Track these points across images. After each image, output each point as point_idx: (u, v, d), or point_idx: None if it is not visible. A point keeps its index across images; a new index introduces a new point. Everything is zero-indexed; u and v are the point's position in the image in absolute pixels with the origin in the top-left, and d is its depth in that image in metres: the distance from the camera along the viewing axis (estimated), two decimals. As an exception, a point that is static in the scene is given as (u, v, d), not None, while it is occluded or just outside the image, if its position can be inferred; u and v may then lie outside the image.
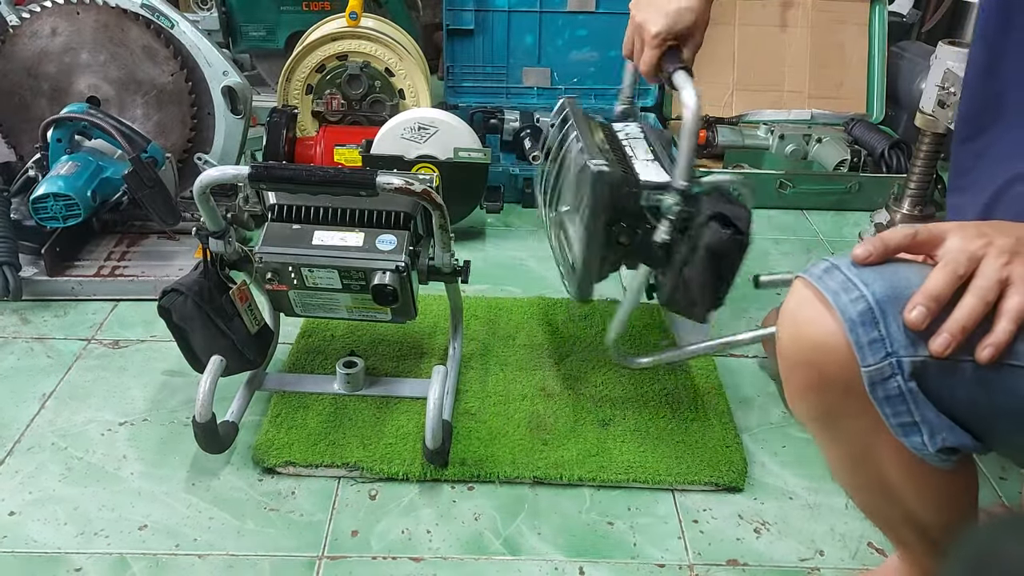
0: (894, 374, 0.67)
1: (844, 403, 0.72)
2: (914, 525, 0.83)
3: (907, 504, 0.80)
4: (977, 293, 0.65)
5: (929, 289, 0.66)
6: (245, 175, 1.08)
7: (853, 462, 0.80)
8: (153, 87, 1.78)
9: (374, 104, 2.07)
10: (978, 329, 0.65)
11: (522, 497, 1.15)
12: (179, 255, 1.68)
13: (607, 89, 2.23)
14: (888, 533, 0.90)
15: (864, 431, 0.74)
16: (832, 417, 0.76)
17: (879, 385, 0.68)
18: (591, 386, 1.35)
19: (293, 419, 1.25)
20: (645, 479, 1.17)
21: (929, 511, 0.81)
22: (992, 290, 0.65)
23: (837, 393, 0.72)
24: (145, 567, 1.03)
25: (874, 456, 0.77)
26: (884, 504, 0.83)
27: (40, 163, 1.61)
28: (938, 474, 0.75)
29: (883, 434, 0.71)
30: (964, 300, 0.65)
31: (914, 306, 0.66)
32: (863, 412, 0.71)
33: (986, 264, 0.66)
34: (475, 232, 1.89)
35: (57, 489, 1.14)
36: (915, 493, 0.79)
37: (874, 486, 0.80)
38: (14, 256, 1.54)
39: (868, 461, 0.78)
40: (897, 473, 0.77)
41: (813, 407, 0.76)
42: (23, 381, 1.36)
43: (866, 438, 0.75)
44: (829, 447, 0.82)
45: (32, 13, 1.71)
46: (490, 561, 1.05)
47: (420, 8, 2.69)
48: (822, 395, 0.74)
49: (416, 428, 1.24)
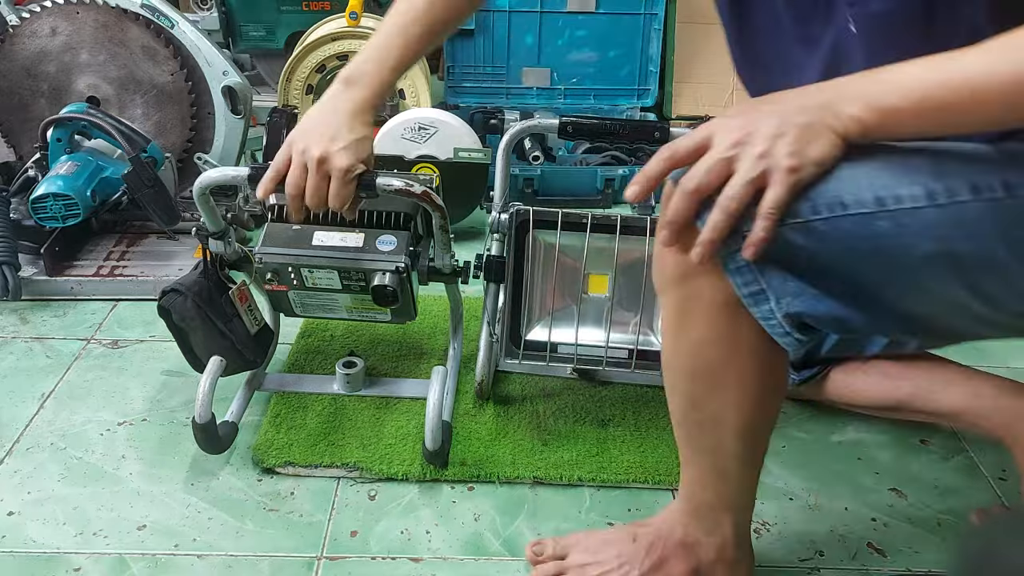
0: (738, 248, 0.72)
1: (704, 281, 0.78)
2: (717, 428, 0.87)
3: (726, 394, 0.84)
4: (722, 205, 0.70)
5: (647, 170, 0.74)
6: (244, 176, 1.08)
7: (698, 344, 0.83)
8: (153, 87, 1.78)
9: (374, 104, 2.06)
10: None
11: (522, 497, 1.15)
12: (179, 255, 1.68)
13: (607, 89, 2.24)
14: (688, 444, 0.92)
15: (720, 307, 0.79)
16: (693, 299, 0.80)
17: (728, 258, 0.74)
18: (591, 386, 1.35)
19: (293, 419, 1.25)
20: (645, 479, 1.17)
21: (738, 409, 0.85)
22: (738, 199, 0.70)
23: (700, 274, 0.78)
24: (144, 567, 1.03)
25: (720, 337, 0.81)
26: (707, 396, 0.86)
27: (40, 163, 1.61)
28: (767, 364, 0.83)
29: (733, 312, 0.78)
30: (712, 214, 0.71)
31: (631, 183, 0.75)
32: (718, 285, 0.77)
33: (737, 173, 0.70)
34: (475, 232, 1.89)
35: (56, 489, 1.14)
36: (740, 379, 0.83)
37: (705, 373, 0.84)
38: (14, 256, 1.54)
39: (713, 343, 0.82)
40: (732, 356, 0.82)
41: (680, 287, 0.81)
42: (22, 381, 1.36)
43: (718, 318, 0.80)
44: (682, 331, 0.84)
45: (32, 13, 1.71)
46: (490, 561, 1.05)
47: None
48: (690, 277, 0.79)
49: (416, 428, 1.24)
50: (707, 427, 0.88)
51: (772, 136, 0.69)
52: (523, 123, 1.23)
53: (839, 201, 0.70)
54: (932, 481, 1.20)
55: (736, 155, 0.70)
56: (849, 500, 1.16)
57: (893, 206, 0.70)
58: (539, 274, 1.23)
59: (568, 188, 2.00)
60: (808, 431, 1.29)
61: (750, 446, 0.89)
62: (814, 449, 1.26)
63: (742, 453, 0.89)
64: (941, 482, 1.20)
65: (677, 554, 0.96)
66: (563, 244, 1.20)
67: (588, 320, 1.23)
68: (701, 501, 0.94)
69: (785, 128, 0.69)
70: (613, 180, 1.99)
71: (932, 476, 1.21)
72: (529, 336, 1.24)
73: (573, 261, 1.21)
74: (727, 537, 0.95)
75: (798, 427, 1.30)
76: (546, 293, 1.24)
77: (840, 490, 1.18)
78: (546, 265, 1.22)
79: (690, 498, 0.95)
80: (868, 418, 1.30)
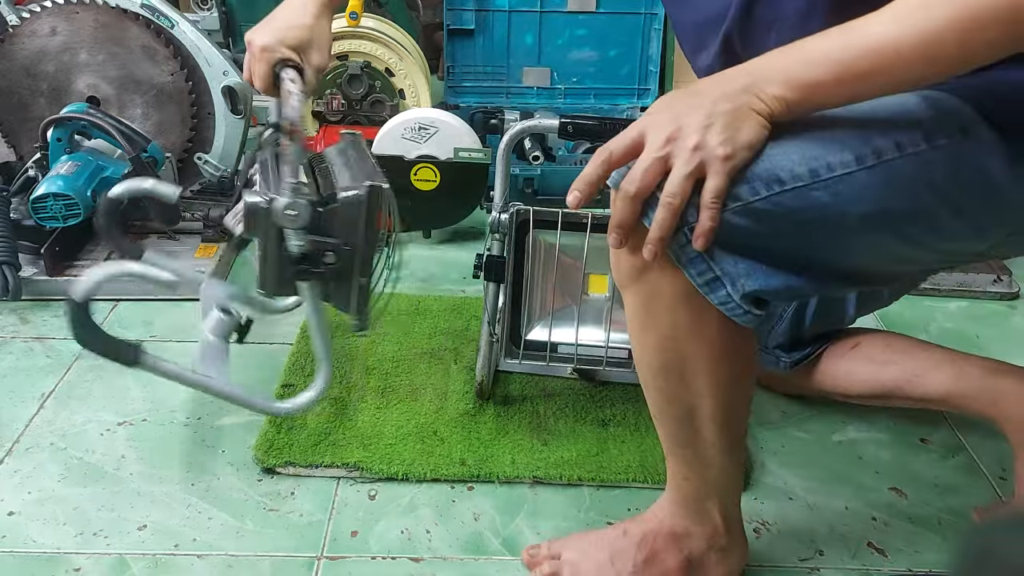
0: (688, 241, 0.75)
1: (661, 276, 0.80)
2: (693, 419, 0.88)
3: (697, 384, 0.86)
4: (665, 203, 0.73)
5: (585, 176, 0.77)
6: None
7: (663, 339, 0.84)
8: (153, 87, 1.78)
9: (374, 104, 2.07)
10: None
11: (522, 497, 1.15)
12: (179, 255, 1.68)
13: (607, 89, 2.23)
14: (668, 438, 0.93)
15: (679, 299, 0.81)
16: (652, 296, 0.82)
17: (680, 252, 0.76)
18: (591, 386, 1.35)
19: (293, 419, 1.25)
20: (645, 479, 1.17)
21: (711, 398, 0.87)
22: (679, 195, 0.72)
23: (655, 270, 0.79)
24: (144, 567, 1.03)
25: (683, 329, 0.83)
26: (678, 389, 0.87)
27: (40, 163, 1.61)
28: (732, 348, 0.84)
29: (693, 303, 0.79)
30: (657, 213, 0.73)
31: (571, 190, 0.78)
32: (675, 279, 0.79)
33: (675, 169, 0.72)
34: (475, 232, 1.89)
35: (56, 489, 1.14)
36: (708, 367, 0.85)
37: (673, 367, 0.85)
38: (14, 256, 1.54)
39: (678, 337, 0.83)
40: (697, 346, 0.83)
41: (638, 285, 0.82)
42: (22, 381, 1.36)
43: (678, 311, 0.82)
44: (646, 328, 0.85)
45: (31, 13, 1.71)
46: (490, 561, 1.05)
47: (420, 8, 2.69)
48: (646, 274, 0.81)
49: (416, 428, 1.24)
50: (683, 420, 0.89)
51: (702, 127, 0.71)
52: (523, 123, 1.23)
53: (776, 178, 0.73)
54: (932, 480, 1.20)
55: (670, 152, 0.72)
56: (849, 499, 1.17)
57: (826, 175, 0.73)
58: (539, 274, 1.23)
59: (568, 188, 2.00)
60: (808, 431, 1.29)
61: (727, 433, 0.90)
62: (814, 449, 1.26)
63: (720, 441, 0.90)
64: (941, 481, 1.20)
65: (668, 546, 0.97)
66: (563, 244, 1.20)
67: (588, 320, 1.23)
68: (687, 492, 0.95)
69: (712, 118, 0.72)
70: (613, 180, 1.99)
71: (932, 475, 1.21)
72: (529, 336, 1.24)
73: (573, 261, 1.21)
74: (716, 525, 0.96)
75: (798, 427, 1.30)
76: (546, 293, 1.24)
77: (840, 489, 1.18)
78: (546, 265, 1.22)
79: (677, 489, 0.96)
80: (868, 418, 1.31)
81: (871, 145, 0.74)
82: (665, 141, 0.72)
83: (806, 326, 1.25)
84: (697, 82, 0.77)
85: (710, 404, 0.87)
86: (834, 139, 0.74)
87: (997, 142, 0.75)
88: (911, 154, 0.74)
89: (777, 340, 1.26)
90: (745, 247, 0.76)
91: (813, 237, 0.76)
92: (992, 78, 0.76)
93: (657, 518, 0.99)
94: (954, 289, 1.67)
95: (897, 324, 1.57)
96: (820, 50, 0.71)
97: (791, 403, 1.34)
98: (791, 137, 0.74)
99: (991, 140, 0.75)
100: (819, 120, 0.75)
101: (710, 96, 0.73)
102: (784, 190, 0.73)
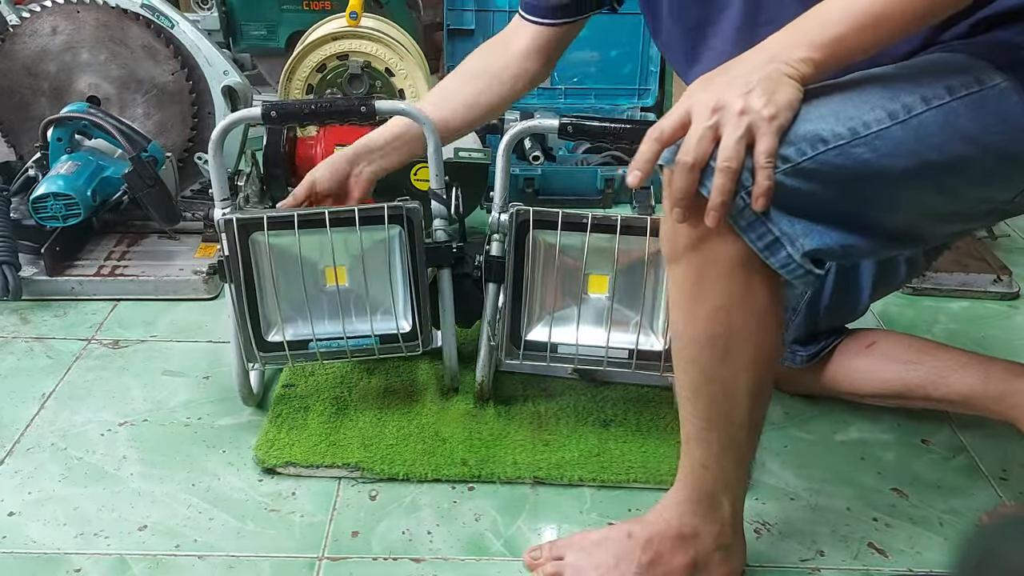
0: (746, 204, 0.78)
1: (718, 245, 0.81)
2: (730, 396, 0.90)
3: (740, 358, 0.87)
4: (722, 168, 0.75)
5: (641, 155, 0.79)
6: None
7: (714, 310, 0.86)
8: (153, 86, 1.78)
9: (375, 104, 2.06)
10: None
11: (523, 497, 1.15)
12: (179, 255, 1.68)
13: (607, 89, 2.23)
14: (697, 420, 0.93)
15: (735, 267, 0.83)
16: (708, 264, 0.83)
17: (739, 216, 0.78)
18: (591, 386, 1.35)
19: (294, 419, 1.25)
20: (646, 479, 1.17)
21: (750, 371, 0.89)
22: (735, 158, 0.75)
23: (713, 238, 0.81)
24: (145, 568, 1.03)
25: (736, 298, 0.85)
26: (721, 363, 0.88)
27: (40, 163, 1.61)
28: (775, 321, 0.88)
29: (746, 270, 0.82)
30: (715, 179, 0.76)
31: (629, 170, 0.80)
32: (731, 246, 0.81)
33: (725, 135, 0.75)
34: (475, 232, 1.89)
35: (57, 489, 1.14)
36: (753, 339, 0.87)
37: (719, 339, 0.87)
38: (14, 256, 1.53)
39: (729, 307, 0.85)
40: (746, 316, 0.86)
41: (694, 254, 0.83)
42: (23, 381, 1.36)
43: (733, 279, 0.83)
44: (697, 299, 0.86)
45: (32, 12, 1.71)
46: (491, 562, 1.05)
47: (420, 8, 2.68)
48: (703, 243, 0.82)
49: (417, 428, 1.24)
50: (718, 396, 0.90)
51: (743, 94, 0.76)
52: (523, 123, 1.23)
53: (819, 138, 0.78)
54: (934, 481, 1.20)
55: (718, 120, 0.76)
56: (851, 500, 1.16)
57: (864, 132, 0.78)
58: (539, 274, 1.23)
59: (568, 188, 2.00)
60: (810, 431, 1.29)
61: (758, 413, 0.93)
62: (816, 449, 1.26)
63: (749, 420, 0.92)
64: (943, 482, 1.20)
65: (675, 548, 0.97)
66: (563, 244, 1.20)
67: (588, 320, 1.23)
68: (703, 483, 0.95)
69: (751, 85, 0.76)
70: (613, 180, 1.99)
71: (934, 476, 1.21)
72: (529, 336, 1.24)
73: (573, 261, 1.21)
74: (725, 521, 0.97)
75: (800, 427, 1.30)
76: (546, 293, 1.24)
77: (842, 490, 1.18)
78: (546, 265, 1.22)
79: (693, 485, 0.96)
80: (871, 418, 1.30)
81: (900, 102, 0.79)
82: (712, 112, 0.76)
83: (821, 317, 1.25)
84: (723, 64, 0.81)
85: (748, 379, 0.89)
86: (864, 99, 0.79)
87: (1013, 88, 0.82)
88: (937, 106, 0.79)
89: (794, 334, 1.26)
90: (798, 208, 0.79)
91: (860, 194, 0.80)
92: (994, 37, 0.84)
93: (664, 519, 0.98)
94: (955, 289, 1.67)
95: (900, 325, 1.57)
96: (833, 10, 0.77)
97: (794, 403, 1.34)
98: (823, 100, 0.79)
99: (1007, 87, 0.82)
100: (846, 84, 0.81)
101: (742, 70, 0.78)
102: (828, 148, 0.77)
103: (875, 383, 1.23)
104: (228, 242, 1.15)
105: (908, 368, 1.19)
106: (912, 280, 1.49)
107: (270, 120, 1.18)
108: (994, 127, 0.81)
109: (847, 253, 0.83)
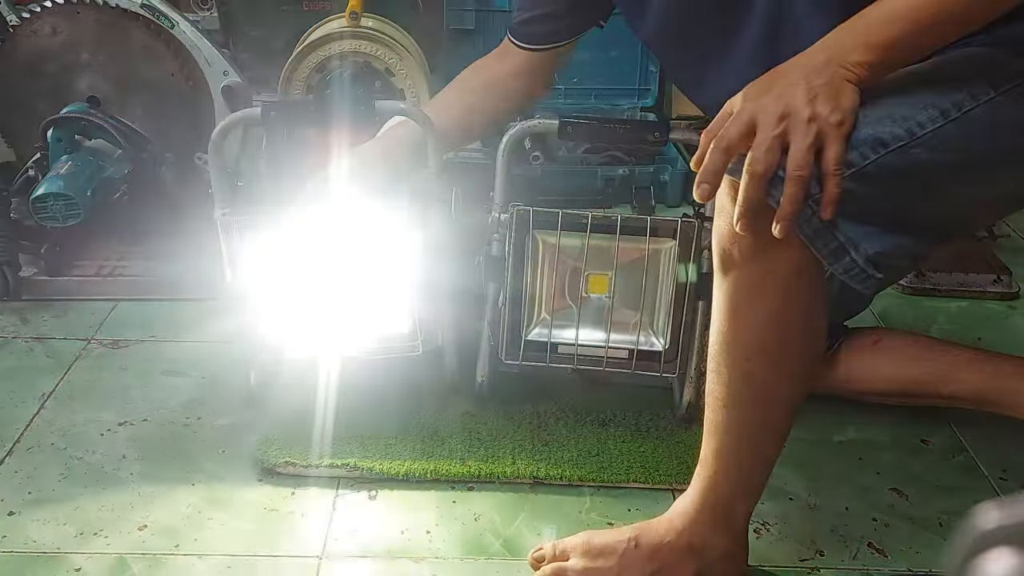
0: (814, 213, 0.76)
1: (780, 253, 0.81)
2: (770, 406, 0.91)
3: (789, 366, 0.89)
4: (793, 178, 0.75)
5: (708, 167, 0.78)
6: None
7: (769, 318, 0.86)
8: (153, 87, 1.78)
9: (374, 104, 2.06)
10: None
11: (522, 498, 1.15)
12: (179, 255, 1.68)
13: (607, 89, 2.23)
14: (730, 429, 0.93)
15: (795, 276, 0.83)
16: (768, 272, 0.84)
17: (805, 224, 0.77)
18: (591, 386, 1.35)
19: (293, 419, 1.25)
20: (645, 480, 1.17)
21: (795, 380, 0.90)
22: (805, 167, 0.74)
23: (775, 247, 0.80)
24: (144, 567, 1.03)
25: (793, 305, 0.86)
26: (771, 370, 0.88)
27: (40, 163, 1.61)
28: (822, 330, 0.89)
29: (805, 278, 0.83)
30: (786, 188, 0.75)
31: (698, 184, 0.79)
32: (793, 253, 0.81)
33: (794, 143, 0.75)
34: (475, 232, 1.89)
35: (56, 489, 1.14)
36: (802, 347, 0.89)
37: (772, 347, 0.87)
38: (14, 256, 1.53)
39: (785, 315, 0.86)
40: (800, 323, 0.87)
41: (755, 263, 0.84)
42: (22, 381, 1.36)
43: (792, 286, 0.84)
44: (754, 306, 0.86)
45: (32, 13, 1.71)
46: (490, 562, 1.05)
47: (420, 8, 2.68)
48: (765, 252, 0.82)
49: (416, 428, 1.24)
50: (759, 404, 0.90)
51: (809, 100, 0.75)
52: (523, 123, 1.23)
53: (880, 141, 0.77)
54: (933, 481, 1.20)
55: (786, 128, 0.75)
56: (850, 500, 1.16)
57: (920, 132, 0.78)
58: (539, 274, 1.23)
59: (568, 188, 2.00)
60: (809, 431, 1.29)
61: (790, 418, 0.93)
62: (815, 449, 1.26)
63: (783, 427, 0.92)
64: (942, 482, 1.20)
65: (682, 559, 0.97)
66: (563, 244, 1.20)
67: (588, 320, 1.23)
68: (721, 493, 0.95)
69: (814, 91, 0.75)
70: (613, 180, 1.99)
71: (933, 476, 1.21)
72: (529, 336, 1.24)
73: (573, 261, 1.21)
74: (737, 531, 0.97)
75: (799, 427, 1.29)
76: (546, 293, 1.24)
77: (841, 490, 1.18)
78: (546, 265, 1.22)
79: (711, 491, 0.95)
80: (870, 418, 1.30)
81: (950, 100, 0.79)
82: (778, 120, 0.75)
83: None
84: (775, 68, 0.80)
85: (791, 388, 0.90)
86: (916, 100, 0.79)
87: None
88: (984, 102, 0.79)
89: None
90: (859, 212, 0.78)
91: (916, 193, 0.80)
92: (1018, 29, 0.84)
93: (675, 528, 0.97)
94: (954, 289, 1.67)
95: (899, 325, 1.57)
96: (889, 9, 0.77)
97: (792, 403, 1.34)
98: (877, 103, 0.79)
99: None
100: (892, 84, 0.81)
101: (801, 74, 0.77)
102: (889, 151, 0.77)
103: (882, 380, 1.23)
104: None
105: (916, 364, 1.20)
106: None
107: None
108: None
109: (902, 255, 0.82)
